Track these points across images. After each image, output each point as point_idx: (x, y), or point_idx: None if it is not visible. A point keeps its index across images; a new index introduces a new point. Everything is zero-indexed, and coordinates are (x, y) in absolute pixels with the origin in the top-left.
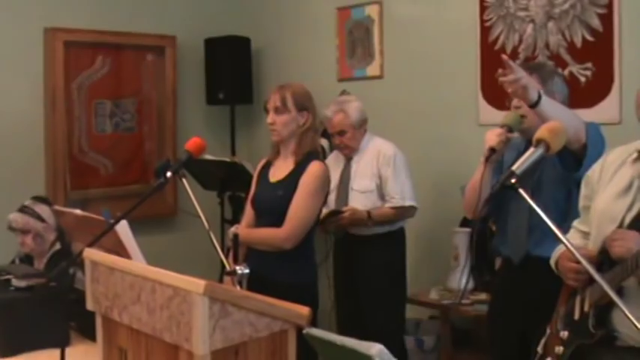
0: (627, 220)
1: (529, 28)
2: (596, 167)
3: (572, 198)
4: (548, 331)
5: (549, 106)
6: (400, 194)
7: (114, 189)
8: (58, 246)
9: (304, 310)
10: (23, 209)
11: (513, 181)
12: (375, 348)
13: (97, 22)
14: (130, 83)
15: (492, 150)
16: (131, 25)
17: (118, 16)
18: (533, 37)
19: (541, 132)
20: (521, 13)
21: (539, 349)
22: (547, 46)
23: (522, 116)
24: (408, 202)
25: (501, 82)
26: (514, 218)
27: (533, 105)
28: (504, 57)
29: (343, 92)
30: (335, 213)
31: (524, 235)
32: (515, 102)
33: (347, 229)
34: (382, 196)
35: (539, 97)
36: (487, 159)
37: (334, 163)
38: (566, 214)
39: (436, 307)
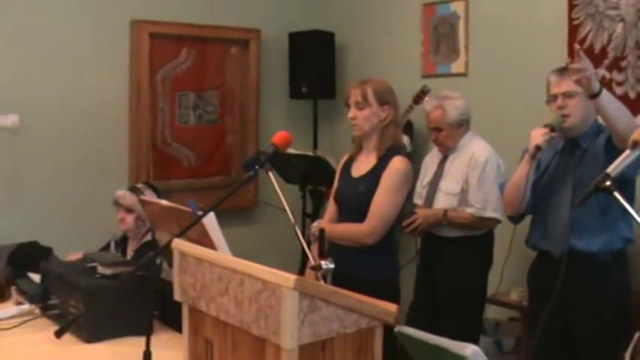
0: None
1: (619, 27)
2: None
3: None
4: (637, 335)
5: (608, 101)
6: (482, 203)
7: (196, 180)
8: (149, 237)
9: (392, 308)
10: (134, 189)
11: (608, 183)
12: (470, 349)
13: (183, 15)
14: (214, 76)
15: (538, 148)
16: (216, 18)
17: (203, 9)
18: (623, 37)
19: (637, 134)
20: (611, 12)
21: (627, 355)
22: (637, 45)
23: (564, 116)
24: (488, 214)
25: (570, 68)
26: (555, 213)
27: (594, 96)
28: (577, 46)
29: (424, 88)
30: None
31: (567, 230)
32: (558, 102)
33: (428, 230)
34: (465, 202)
35: (600, 90)
36: (533, 157)
37: (432, 158)
38: (606, 210)
39: (516, 309)
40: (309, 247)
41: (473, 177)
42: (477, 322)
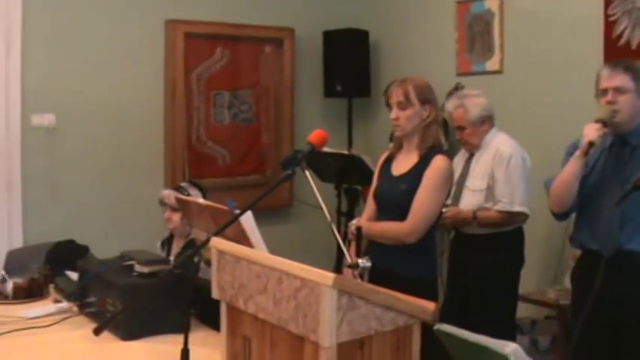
0: None
1: None
2: None
3: None
4: None
5: None
6: (509, 198)
7: (231, 179)
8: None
9: (430, 306)
10: (179, 188)
11: None
12: (511, 347)
13: (217, 14)
14: (248, 75)
15: (591, 144)
16: (250, 17)
17: (236, 8)
18: None
19: None
20: None
21: None
22: None
23: (614, 111)
24: (516, 208)
25: None
26: (603, 212)
27: None
28: None
29: (457, 85)
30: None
31: (617, 229)
32: (609, 96)
33: (456, 229)
34: (492, 197)
35: None
36: (586, 153)
37: (460, 157)
38: None
39: (552, 307)
40: (345, 245)
41: (498, 172)
42: (510, 321)
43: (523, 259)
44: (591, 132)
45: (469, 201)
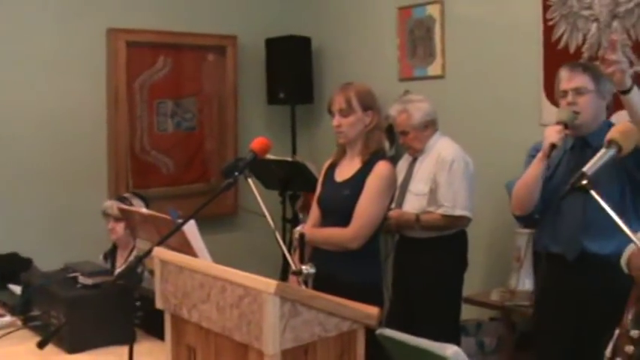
0: None
1: (593, 27)
2: None
3: (626, 195)
4: (617, 332)
5: (638, 97)
6: (451, 202)
7: (175, 188)
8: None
9: (373, 310)
10: (122, 199)
11: (585, 182)
12: (451, 349)
13: (159, 23)
14: (191, 83)
15: (553, 146)
16: (192, 25)
17: (179, 17)
18: (597, 37)
19: (612, 133)
20: (585, 12)
21: (608, 352)
22: None
23: (576, 112)
24: (458, 212)
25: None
26: (566, 214)
27: (625, 92)
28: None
29: (406, 92)
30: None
31: (580, 232)
32: (569, 98)
33: (399, 232)
34: (435, 201)
35: (632, 86)
36: (548, 155)
37: (403, 162)
38: (621, 212)
39: (497, 309)
40: (290, 252)
41: (441, 176)
42: (455, 324)
43: (466, 262)
44: (552, 134)
45: (412, 205)
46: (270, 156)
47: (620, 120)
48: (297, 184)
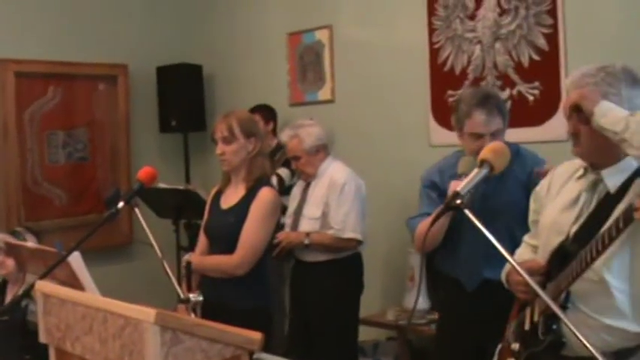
0: (572, 232)
1: (477, 49)
2: (544, 182)
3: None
4: (499, 346)
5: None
6: (340, 225)
7: (68, 219)
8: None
9: (256, 335)
10: (14, 233)
11: (458, 202)
12: None
13: (48, 53)
14: (83, 113)
15: (456, 194)
16: (82, 55)
17: (68, 46)
18: (482, 58)
19: (484, 153)
20: (469, 35)
21: None
22: (495, 66)
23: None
24: (347, 234)
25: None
26: (468, 243)
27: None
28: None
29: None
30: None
31: (480, 261)
32: (486, 143)
33: (295, 255)
34: (327, 225)
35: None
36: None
37: (298, 187)
38: (513, 236)
39: (393, 328)
40: (180, 281)
41: (332, 199)
42: (353, 344)
43: (362, 284)
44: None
45: (305, 229)
46: (161, 184)
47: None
48: (189, 212)
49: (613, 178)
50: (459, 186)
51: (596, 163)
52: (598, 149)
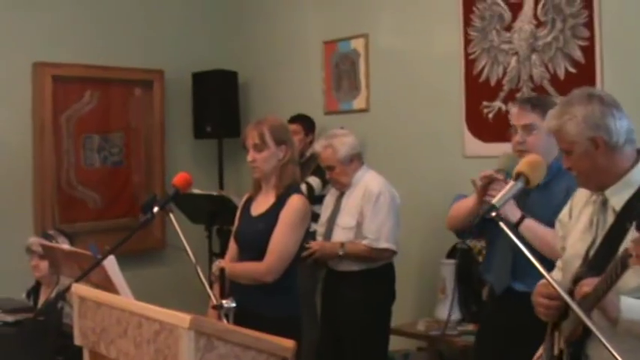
0: (591, 254)
1: (513, 61)
2: (565, 209)
3: None
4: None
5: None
6: (375, 234)
7: (102, 222)
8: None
9: (289, 344)
10: (46, 236)
11: (493, 214)
12: None
13: (85, 57)
14: (118, 117)
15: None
16: (119, 60)
17: (105, 51)
18: (517, 70)
19: (521, 165)
20: (505, 46)
21: None
22: (531, 78)
23: (521, 152)
24: (382, 244)
25: None
26: (499, 250)
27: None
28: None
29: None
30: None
31: (508, 269)
32: (518, 137)
33: (327, 264)
34: (361, 234)
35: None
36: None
37: (331, 196)
38: None
39: (423, 339)
40: (212, 286)
41: (367, 209)
42: (384, 354)
43: (394, 294)
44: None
45: (339, 238)
46: (195, 190)
47: None
48: (223, 218)
49: (617, 196)
50: (494, 198)
51: (599, 185)
52: (595, 172)
